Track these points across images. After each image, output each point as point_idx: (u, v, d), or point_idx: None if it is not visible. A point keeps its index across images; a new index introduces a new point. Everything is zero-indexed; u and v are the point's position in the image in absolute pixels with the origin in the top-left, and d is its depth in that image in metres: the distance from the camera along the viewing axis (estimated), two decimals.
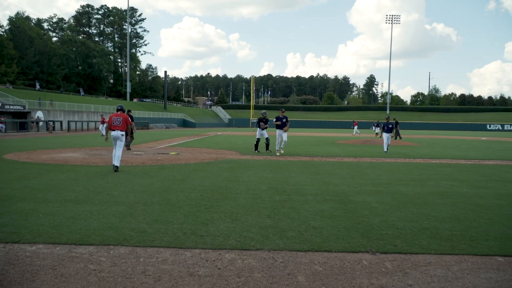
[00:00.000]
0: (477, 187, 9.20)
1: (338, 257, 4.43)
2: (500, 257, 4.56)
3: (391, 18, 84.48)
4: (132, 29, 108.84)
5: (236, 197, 7.56)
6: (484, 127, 76.69)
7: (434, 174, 11.46)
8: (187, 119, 76.66)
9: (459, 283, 3.80)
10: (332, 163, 13.86)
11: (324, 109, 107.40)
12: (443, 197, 7.93)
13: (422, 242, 5.00)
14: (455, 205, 7.19)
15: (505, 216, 6.44)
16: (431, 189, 8.83)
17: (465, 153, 19.08)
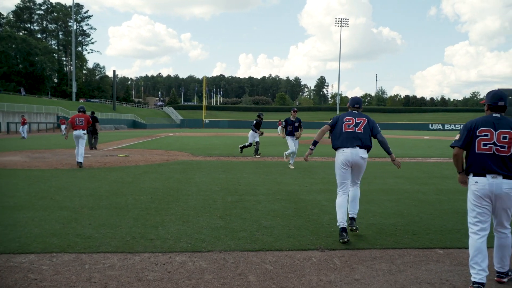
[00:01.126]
0: (420, 184, 9.66)
1: (288, 256, 4.49)
2: (439, 250, 4.81)
3: (340, 21, 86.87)
4: (78, 26, 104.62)
5: (188, 198, 7.48)
6: (427, 126, 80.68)
7: (381, 172, 11.90)
8: (137, 120, 74.80)
9: (402, 276, 3.97)
10: (283, 163, 14.04)
11: (276, 110, 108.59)
12: (389, 194, 8.26)
13: (369, 238, 5.18)
14: (399, 202, 7.52)
15: (445, 211, 6.81)
16: (377, 187, 9.18)
17: (409, 152, 19.99)
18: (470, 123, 3.90)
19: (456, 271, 4.13)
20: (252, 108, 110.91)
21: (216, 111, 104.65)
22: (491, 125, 3.74)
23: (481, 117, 3.88)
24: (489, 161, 3.69)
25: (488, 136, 3.73)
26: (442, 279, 3.92)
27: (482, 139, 3.75)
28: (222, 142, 27.36)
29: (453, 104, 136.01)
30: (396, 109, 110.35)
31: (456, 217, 6.35)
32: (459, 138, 3.90)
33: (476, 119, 3.89)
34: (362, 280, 3.84)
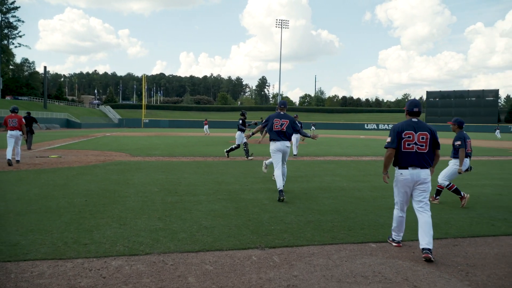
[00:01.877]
0: (356, 181, 10.07)
1: (228, 255, 4.49)
2: (373, 244, 5.04)
3: (280, 23, 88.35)
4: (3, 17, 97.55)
5: (125, 200, 7.24)
6: (362, 126, 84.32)
7: (319, 170, 12.26)
8: (71, 119, 71.20)
9: (338, 270, 4.11)
10: (225, 162, 14.03)
11: (218, 109, 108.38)
12: (326, 192, 8.52)
13: (307, 235, 5.31)
14: (336, 199, 7.78)
15: (378, 207, 7.14)
16: (316, 185, 9.44)
17: (346, 150, 20.77)
18: (397, 127, 4.79)
19: (388, 263, 4.35)
20: (193, 107, 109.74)
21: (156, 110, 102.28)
22: (412, 128, 4.71)
23: (404, 121, 4.82)
24: (412, 157, 4.69)
25: (411, 137, 4.69)
26: (375, 271, 4.10)
27: (406, 140, 4.69)
28: (162, 142, 26.80)
29: (386, 105, 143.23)
30: (334, 109, 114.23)
31: (388, 213, 6.68)
32: (392, 141, 4.75)
33: (401, 123, 4.80)
34: (300, 276, 3.93)
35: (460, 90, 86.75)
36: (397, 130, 4.75)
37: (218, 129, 66.46)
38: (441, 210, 7.00)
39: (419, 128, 4.71)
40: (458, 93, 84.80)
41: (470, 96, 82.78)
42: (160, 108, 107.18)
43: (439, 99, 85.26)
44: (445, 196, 8.24)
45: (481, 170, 13.10)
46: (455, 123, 7.60)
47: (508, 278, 4.02)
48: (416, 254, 4.69)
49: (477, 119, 77.35)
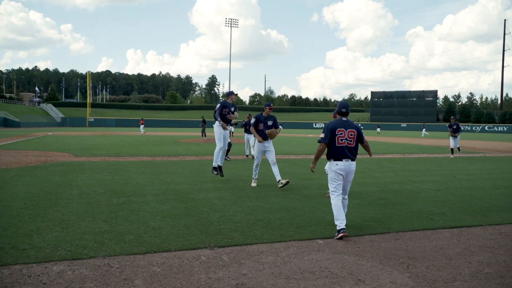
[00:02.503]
0: (304, 179, 10.27)
1: (177, 256, 4.43)
2: (320, 240, 5.17)
3: (230, 22, 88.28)
4: None
5: (68, 203, 6.93)
6: (311, 125, 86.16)
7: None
8: (9, 117, 67.16)
9: (286, 267, 4.18)
10: (174, 162, 13.82)
11: (167, 108, 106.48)
12: (276, 190, 8.63)
13: (256, 233, 5.34)
14: (285, 197, 7.90)
15: (326, 204, 7.33)
16: (266, 183, 9.53)
17: (295, 149, 21.14)
18: (331, 125, 5.53)
19: (334, 258, 4.47)
20: (142, 106, 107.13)
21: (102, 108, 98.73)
22: (343, 126, 5.50)
23: (335, 120, 5.62)
24: (344, 151, 5.48)
25: (343, 134, 5.47)
26: (321, 267, 4.21)
27: (339, 136, 5.47)
28: (108, 141, 25.92)
29: (334, 105, 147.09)
30: (284, 109, 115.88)
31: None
32: (325, 136, 5.50)
33: (333, 122, 5.58)
34: (249, 275, 3.95)
35: (402, 90, 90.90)
36: (331, 127, 5.50)
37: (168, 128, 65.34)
38: (384, 206, 7.30)
39: (348, 126, 5.54)
40: (400, 93, 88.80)
41: (412, 96, 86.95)
42: (106, 107, 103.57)
43: (383, 99, 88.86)
44: (387, 193, 8.61)
45: (421, 167, 13.81)
46: None
47: (445, 269, 4.26)
48: (361, 248, 4.86)
49: (418, 118, 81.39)
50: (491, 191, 9.08)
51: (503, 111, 79.83)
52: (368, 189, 8.98)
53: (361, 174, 11.50)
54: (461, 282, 3.92)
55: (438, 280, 3.94)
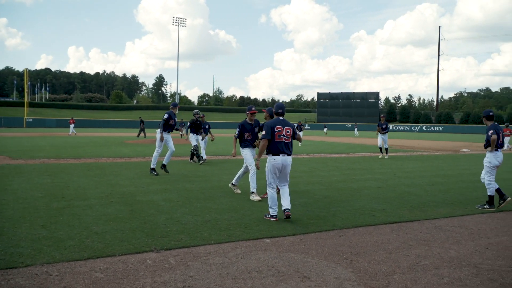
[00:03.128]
0: None
1: (121, 261, 4.30)
2: (267, 239, 5.22)
3: (177, 20, 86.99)
4: None
5: (2, 209, 6.51)
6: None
7: (217, 169, 12.35)
8: None
9: (234, 267, 4.18)
10: (119, 164, 13.41)
11: (112, 108, 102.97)
12: (224, 191, 8.61)
13: (204, 234, 5.31)
14: (233, 197, 7.90)
15: None
16: (214, 184, 9.49)
17: None
18: (270, 123, 6.21)
19: (281, 257, 4.54)
20: (85, 105, 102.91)
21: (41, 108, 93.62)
22: (281, 124, 6.19)
23: (274, 119, 6.31)
24: (282, 146, 6.14)
25: (281, 131, 6.15)
26: (268, 266, 4.26)
27: (277, 133, 6.13)
28: (48, 143, 24.64)
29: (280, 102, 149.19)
30: (232, 109, 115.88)
31: (282, 208, 6.97)
32: (266, 133, 6.13)
33: (272, 120, 6.28)
34: (196, 276, 3.91)
35: (347, 92, 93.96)
36: (271, 125, 6.17)
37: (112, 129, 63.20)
38: (329, 204, 7.50)
39: (285, 124, 6.22)
40: (345, 94, 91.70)
41: (355, 97, 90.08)
42: (46, 106, 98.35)
43: (329, 100, 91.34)
44: (332, 191, 8.87)
45: (364, 165, 14.34)
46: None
47: (385, 262, 4.46)
48: (307, 246, 4.97)
49: (362, 118, 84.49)
50: (428, 187, 9.61)
51: (439, 112, 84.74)
52: (314, 188, 9.20)
53: (307, 173, 11.76)
54: (399, 274, 4.12)
55: (379, 274, 4.12)
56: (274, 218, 6.13)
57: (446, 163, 16.13)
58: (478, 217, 6.80)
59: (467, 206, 7.54)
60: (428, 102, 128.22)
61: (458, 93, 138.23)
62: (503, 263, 4.54)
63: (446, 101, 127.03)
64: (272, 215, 6.16)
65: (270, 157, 6.21)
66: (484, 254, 4.85)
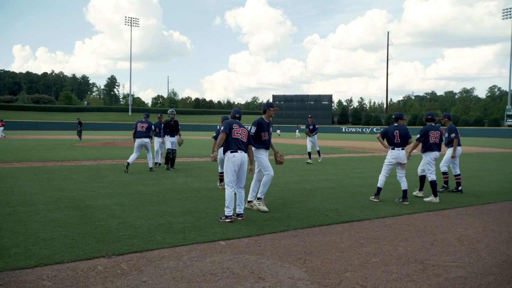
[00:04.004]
0: (207, 181, 10.28)
1: (70, 268, 4.14)
2: (222, 241, 5.21)
3: (130, 20, 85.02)
4: None
5: None
6: (215, 127, 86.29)
7: (171, 172, 12.16)
8: None
9: (188, 271, 4.14)
10: (68, 167, 12.90)
11: (61, 110, 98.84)
12: (178, 193, 8.51)
13: (158, 238, 5.22)
14: (188, 200, 7.83)
15: None
16: (168, 187, 9.35)
17: (199, 152, 21.03)
18: (228, 123, 6.60)
19: (236, 259, 4.55)
20: (32, 107, 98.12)
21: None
22: (238, 124, 6.65)
23: (230, 120, 6.72)
24: (239, 142, 6.50)
25: (237, 129, 6.57)
26: (223, 268, 4.25)
27: (235, 130, 6.54)
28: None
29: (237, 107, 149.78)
30: (187, 111, 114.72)
31: None
32: (225, 128, 6.51)
33: (229, 121, 6.65)
34: (150, 281, 3.84)
35: (301, 94, 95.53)
36: (229, 123, 6.61)
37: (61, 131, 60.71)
38: (283, 205, 7.60)
39: (241, 126, 6.70)
40: (299, 97, 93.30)
41: (309, 100, 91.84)
42: None
43: (284, 102, 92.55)
44: (287, 192, 8.99)
45: (318, 166, 14.64)
46: (445, 117, 9.86)
47: (338, 261, 4.58)
48: (262, 247, 5.01)
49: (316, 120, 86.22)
50: None
51: (388, 114, 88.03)
52: (269, 189, 9.28)
53: None
54: (351, 272, 4.24)
55: (331, 272, 4.22)
56: (230, 219, 6.19)
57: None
58: (425, 215, 7.13)
59: (415, 205, 7.89)
60: (379, 104, 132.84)
61: (406, 96, 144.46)
62: (447, 258, 4.78)
63: (395, 103, 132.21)
64: (228, 216, 6.22)
65: (229, 154, 6.40)
66: (430, 250, 5.09)
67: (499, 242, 5.49)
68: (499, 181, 11.48)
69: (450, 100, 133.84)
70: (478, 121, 78.36)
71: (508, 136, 54.73)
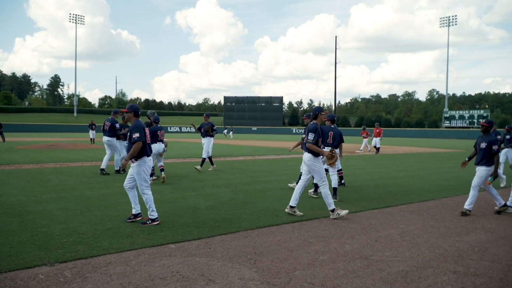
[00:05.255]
0: (158, 184, 10.08)
1: (9, 277, 3.92)
2: (172, 244, 5.14)
3: (75, 18, 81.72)
4: None
5: None
6: (166, 129, 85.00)
7: (119, 175, 11.81)
8: None
9: (136, 276, 4.05)
10: (7, 171, 12.18)
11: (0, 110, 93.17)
12: (127, 197, 8.24)
13: (104, 243, 5.05)
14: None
15: (179, 207, 7.33)
16: (116, 190, 9.07)
17: None
18: (141, 125, 6.26)
19: (186, 262, 4.50)
20: None
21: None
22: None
23: (139, 121, 6.35)
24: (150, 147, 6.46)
25: (147, 133, 6.33)
26: (173, 271, 4.19)
27: (147, 134, 6.31)
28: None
29: (188, 109, 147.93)
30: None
31: (188, 212, 6.93)
32: (140, 136, 6.06)
33: (139, 122, 6.32)
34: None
35: (252, 96, 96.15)
36: (142, 126, 6.23)
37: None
38: (234, 206, 7.61)
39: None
40: (251, 98, 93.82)
41: (261, 101, 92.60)
42: None
43: (235, 104, 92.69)
44: (238, 193, 9.02)
45: (268, 167, 14.80)
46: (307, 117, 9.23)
47: (287, 260, 4.65)
48: (212, 249, 4.99)
49: (267, 122, 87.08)
50: None
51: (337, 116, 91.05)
52: (220, 191, 9.27)
53: (214, 176, 11.81)
54: (300, 271, 4.32)
55: (281, 271, 4.28)
56: (157, 222, 6.10)
57: (343, 164, 17.30)
58: (370, 213, 7.40)
59: (361, 203, 8.18)
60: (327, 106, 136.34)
61: (353, 99, 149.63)
62: (390, 253, 5.00)
63: (343, 105, 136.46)
64: (154, 219, 6.11)
65: (145, 158, 6.21)
66: (374, 246, 5.30)
67: (437, 237, 5.82)
68: (438, 180, 12.16)
69: (393, 102, 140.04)
70: (419, 122, 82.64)
71: (445, 137, 58.07)
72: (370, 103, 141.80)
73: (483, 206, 8.16)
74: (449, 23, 69.10)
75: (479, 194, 7.73)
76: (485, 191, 7.77)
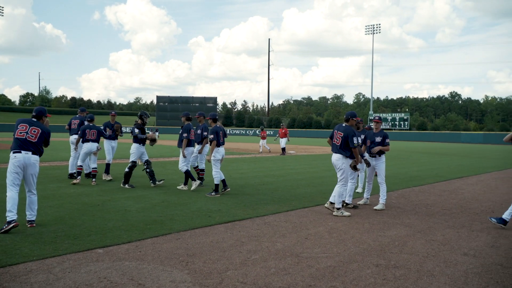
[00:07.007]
0: (83, 186, 9.62)
1: None
2: (100, 249, 4.94)
3: None
4: None
5: None
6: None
7: (41, 177, 11.11)
8: None
9: (60, 284, 3.84)
10: None
11: None
12: (50, 200, 7.83)
13: (24, 251, 4.73)
14: (61, 207, 7.25)
15: (107, 210, 7.05)
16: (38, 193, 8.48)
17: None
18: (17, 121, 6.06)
19: (114, 266, 4.35)
20: None
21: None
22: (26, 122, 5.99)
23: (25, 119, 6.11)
24: (23, 142, 5.83)
25: (24, 128, 5.92)
26: (100, 277, 4.03)
27: (19, 130, 5.90)
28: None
29: (119, 108, 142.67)
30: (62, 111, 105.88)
31: (117, 215, 6.69)
32: None
33: (21, 119, 6.10)
34: None
35: (186, 96, 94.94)
36: (16, 123, 6.01)
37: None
38: (166, 207, 7.48)
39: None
40: (184, 98, 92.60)
41: (195, 102, 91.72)
42: None
43: (168, 104, 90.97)
44: (170, 195, 8.87)
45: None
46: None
47: (220, 261, 4.66)
48: (143, 252, 4.87)
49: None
50: (259, 187, 10.39)
51: (270, 117, 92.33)
52: (152, 192, 9.06)
53: (144, 177, 11.49)
54: (232, 270, 4.36)
55: (213, 272, 4.28)
56: (14, 223, 5.50)
57: (276, 164, 17.65)
58: (301, 211, 7.63)
59: (292, 202, 8.41)
60: (261, 108, 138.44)
61: (286, 101, 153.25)
62: (319, 250, 5.20)
63: (276, 107, 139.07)
64: (11, 221, 5.51)
65: (11, 154, 5.84)
66: (304, 244, 5.47)
67: (361, 232, 6.15)
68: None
69: (323, 105, 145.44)
70: None
71: None
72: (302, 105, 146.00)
73: (403, 202, 8.74)
74: (373, 30, 72.95)
75: (401, 191, 8.26)
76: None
